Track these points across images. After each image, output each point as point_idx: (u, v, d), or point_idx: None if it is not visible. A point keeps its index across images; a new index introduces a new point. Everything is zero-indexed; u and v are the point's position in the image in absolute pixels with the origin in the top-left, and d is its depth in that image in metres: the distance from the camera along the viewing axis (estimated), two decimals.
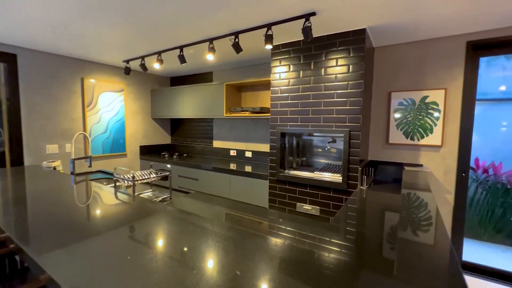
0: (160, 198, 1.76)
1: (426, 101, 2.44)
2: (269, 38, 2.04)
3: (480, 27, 2.13)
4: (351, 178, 2.25)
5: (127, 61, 3.25)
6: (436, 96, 2.39)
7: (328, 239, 1.05)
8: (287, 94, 2.54)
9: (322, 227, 1.22)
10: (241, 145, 3.69)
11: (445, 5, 1.76)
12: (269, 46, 2.06)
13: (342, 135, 2.26)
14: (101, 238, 0.94)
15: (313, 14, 1.90)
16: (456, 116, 2.33)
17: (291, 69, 2.49)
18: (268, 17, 1.99)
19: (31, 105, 2.90)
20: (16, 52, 2.77)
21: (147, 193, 1.88)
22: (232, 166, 3.18)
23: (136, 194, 1.76)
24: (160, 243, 0.92)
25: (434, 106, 2.40)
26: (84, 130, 3.37)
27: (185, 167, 3.49)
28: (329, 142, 2.72)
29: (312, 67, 2.37)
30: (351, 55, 2.18)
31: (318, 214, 2.41)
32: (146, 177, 1.69)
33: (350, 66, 2.19)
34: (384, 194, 1.95)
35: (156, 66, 2.88)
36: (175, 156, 3.91)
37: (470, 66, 2.28)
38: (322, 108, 2.35)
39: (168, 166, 1.85)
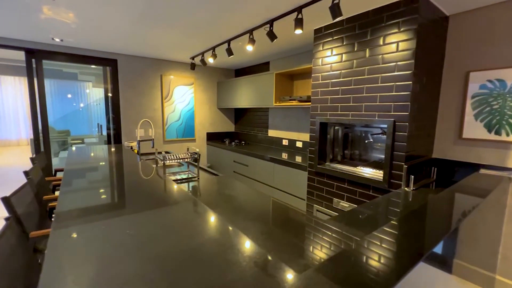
0: (184, 177, 2.03)
1: None
2: (299, 23, 1.94)
3: None
4: (395, 177, 1.92)
5: (192, 58, 3.71)
6: None
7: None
8: (327, 81, 2.35)
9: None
10: (293, 135, 3.66)
11: None
12: (298, 31, 1.96)
13: (386, 125, 1.94)
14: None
15: None
16: None
17: (333, 52, 2.28)
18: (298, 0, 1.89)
19: (125, 99, 3.76)
20: (116, 57, 3.62)
21: (181, 173, 2.18)
22: (284, 156, 3.21)
23: (172, 171, 2.07)
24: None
25: None
26: (162, 118, 4.10)
27: (238, 153, 3.76)
28: (373, 134, 2.37)
29: (355, 49, 2.11)
30: (400, 30, 1.82)
31: None
32: (176, 158, 1.97)
33: (399, 44, 1.83)
34: (428, 199, 1.59)
35: (211, 60, 3.18)
36: (233, 143, 4.24)
37: None
38: (364, 95, 2.07)
39: (197, 150, 2.10)
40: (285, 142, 3.78)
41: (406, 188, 1.83)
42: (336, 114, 2.31)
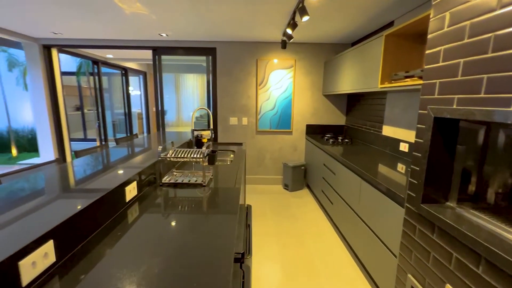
0: (186, 181, 1.57)
1: None
2: None
3: None
4: None
5: (283, 34, 3.07)
6: None
7: None
8: (461, 31, 1.04)
9: None
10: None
11: None
12: None
13: None
14: None
15: None
16: None
17: None
18: None
19: (222, 86, 3.77)
20: (215, 46, 3.66)
21: (194, 175, 1.75)
22: (400, 168, 2.03)
23: (187, 170, 1.72)
24: None
25: None
26: (256, 106, 3.81)
27: (328, 155, 2.81)
28: None
29: None
30: None
31: None
32: (181, 156, 1.56)
33: None
34: None
35: (288, 31, 2.44)
36: (331, 141, 3.26)
37: None
38: None
39: (208, 148, 1.54)
40: (404, 147, 2.39)
41: None
42: (475, 99, 0.98)
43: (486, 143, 1.16)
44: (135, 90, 7.95)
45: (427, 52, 1.25)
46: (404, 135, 2.41)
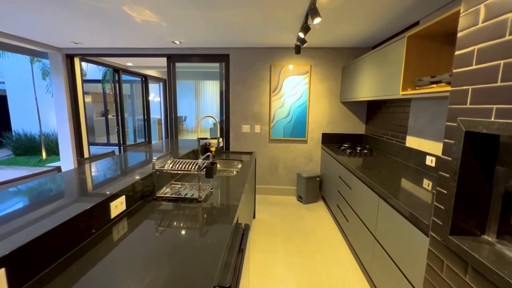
0: (181, 196, 1.46)
1: None
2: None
3: None
4: None
5: (297, 39, 2.93)
6: None
7: None
8: (501, 26, 0.84)
9: None
10: None
11: None
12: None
13: None
14: None
15: None
16: None
17: None
18: None
19: (234, 93, 3.69)
20: (229, 52, 3.60)
21: (191, 188, 1.63)
22: (426, 185, 1.80)
23: (186, 182, 1.62)
24: None
25: None
26: (269, 114, 3.67)
27: (344, 167, 2.59)
28: None
29: None
30: None
31: None
32: (178, 167, 1.45)
33: None
34: None
35: (301, 35, 2.30)
36: (349, 151, 3.02)
37: None
38: None
39: (210, 159, 1.41)
40: (430, 161, 2.12)
41: None
42: None
43: None
44: (156, 97, 8.18)
45: (456, 53, 1.05)
46: (430, 148, 2.15)
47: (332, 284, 1.96)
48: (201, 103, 8.71)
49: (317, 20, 1.85)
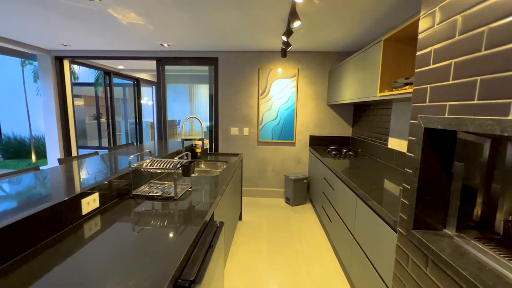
0: (159, 194, 1.47)
1: None
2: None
3: None
4: None
5: (282, 43, 2.98)
6: None
7: None
8: (452, 27, 0.89)
9: None
10: None
11: None
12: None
13: None
14: None
15: None
16: None
17: None
18: None
19: (223, 96, 3.72)
20: (217, 55, 3.65)
21: (166, 187, 1.64)
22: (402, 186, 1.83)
23: (166, 181, 1.63)
24: None
25: None
26: (258, 116, 3.71)
27: (328, 168, 2.62)
28: None
29: None
30: None
31: None
32: (156, 166, 1.47)
33: None
34: None
35: (284, 38, 2.35)
36: (334, 153, 3.06)
37: None
38: None
39: (187, 158, 1.43)
40: None
41: None
42: (467, 106, 0.82)
43: (492, 159, 0.97)
44: (149, 100, 8.17)
45: (417, 53, 1.09)
46: None
47: (312, 283, 1.97)
48: (195, 107, 8.72)
49: (297, 24, 1.90)
